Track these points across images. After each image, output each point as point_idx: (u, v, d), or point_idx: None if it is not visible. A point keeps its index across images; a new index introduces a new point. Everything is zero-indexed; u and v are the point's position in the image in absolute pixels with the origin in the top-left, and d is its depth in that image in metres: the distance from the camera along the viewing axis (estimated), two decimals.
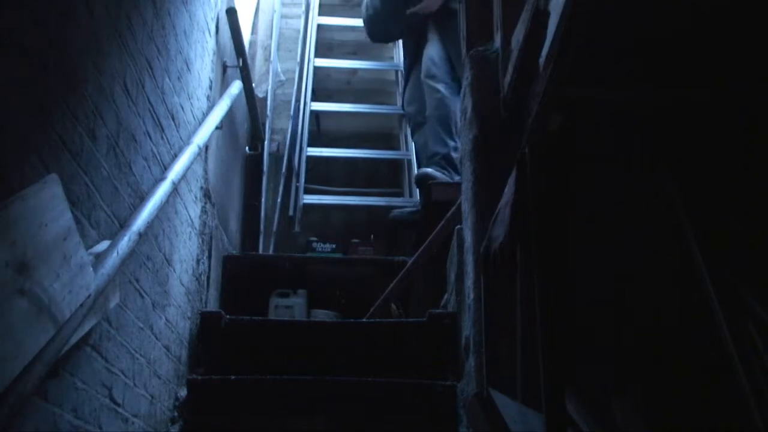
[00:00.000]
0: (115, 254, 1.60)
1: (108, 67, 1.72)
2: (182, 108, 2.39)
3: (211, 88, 2.85)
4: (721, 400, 1.28)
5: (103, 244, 1.63)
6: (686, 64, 1.19)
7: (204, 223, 2.79)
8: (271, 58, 4.52)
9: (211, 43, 2.85)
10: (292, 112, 4.47)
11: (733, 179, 1.33)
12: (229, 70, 3.34)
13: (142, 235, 1.78)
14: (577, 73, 1.22)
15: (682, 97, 1.25)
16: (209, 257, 2.88)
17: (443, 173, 3.46)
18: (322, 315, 3.19)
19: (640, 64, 1.21)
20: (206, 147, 2.71)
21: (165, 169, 2.13)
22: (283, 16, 5.03)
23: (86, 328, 1.53)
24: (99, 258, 1.56)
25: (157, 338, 2.18)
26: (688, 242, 1.33)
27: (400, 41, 4.40)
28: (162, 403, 2.24)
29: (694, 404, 1.34)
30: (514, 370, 1.48)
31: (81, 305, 1.42)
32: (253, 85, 3.76)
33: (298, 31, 4.88)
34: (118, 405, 1.85)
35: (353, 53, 5.02)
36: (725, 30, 1.11)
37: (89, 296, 1.46)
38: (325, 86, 4.85)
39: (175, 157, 2.23)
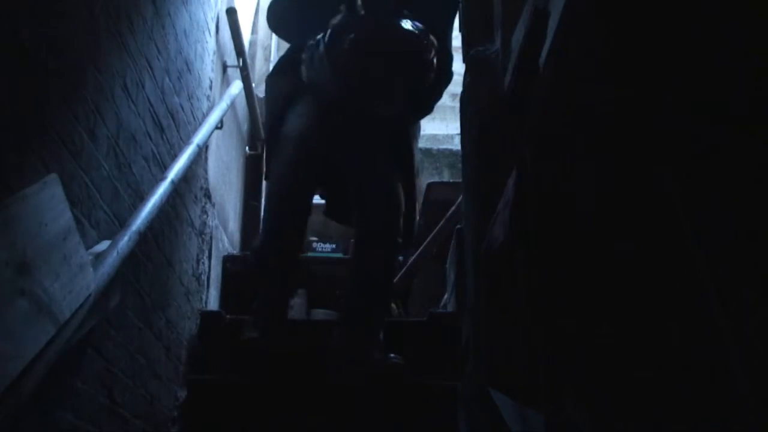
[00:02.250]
0: (115, 254, 1.60)
1: (108, 67, 1.72)
2: (182, 108, 2.39)
3: (211, 88, 2.85)
4: (720, 399, 1.28)
5: (103, 244, 1.63)
6: (689, 65, 1.19)
7: (204, 223, 2.79)
8: (271, 58, 4.52)
9: (211, 43, 2.85)
10: None
11: (734, 178, 1.33)
12: (229, 70, 3.34)
13: (142, 235, 1.78)
14: (577, 72, 1.22)
15: (685, 97, 1.25)
16: (209, 257, 2.89)
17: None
18: (321, 314, 3.19)
19: (641, 63, 1.21)
20: (206, 147, 2.71)
21: (165, 169, 2.13)
22: None
23: (86, 328, 1.54)
24: (99, 258, 1.56)
25: (157, 338, 2.18)
26: (688, 241, 1.33)
27: None
28: (162, 403, 2.24)
29: (694, 404, 1.34)
30: (514, 370, 1.48)
31: (81, 305, 1.42)
32: (253, 85, 3.76)
33: None
34: (118, 405, 1.85)
35: None
36: (727, 28, 1.11)
37: (89, 296, 1.46)
38: None
39: (175, 157, 2.23)
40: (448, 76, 2.62)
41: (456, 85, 4.58)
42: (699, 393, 1.31)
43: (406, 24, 2.39)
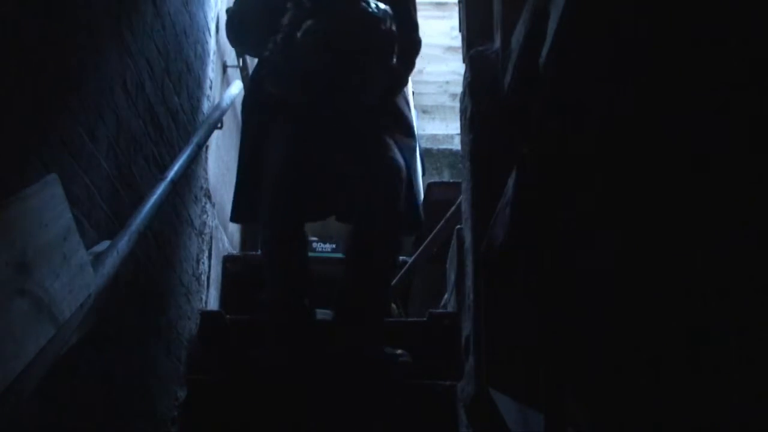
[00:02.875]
0: (115, 254, 1.60)
1: (108, 67, 1.72)
2: (182, 108, 2.39)
3: (211, 88, 2.85)
4: (720, 399, 1.28)
5: (103, 244, 1.63)
6: (689, 64, 1.19)
7: (204, 223, 2.79)
8: None
9: (211, 42, 2.85)
10: None
11: (734, 177, 1.33)
12: (229, 70, 3.34)
13: (141, 235, 1.78)
14: (577, 72, 1.22)
15: (685, 96, 1.25)
16: (209, 257, 2.89)
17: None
18: (321, 314, 3.19)
19: (642, 63, 1.21)
20: (206, 147, 2.71)
21: (165, 169, 2.13)
22: None
23: (86, 328, 1.54)
24: (99, 258, 1.56)
25: (157, 338, 2.18)
26: (688, 241, 1.33)
27: None
28: (162, 403, 2.24)
29: (694, 404, 1.34)
30: (514, 370, 1.48)
31: (81, 305, 1.42)
32: None
33: None
34: (118, 405, 1.85)
35: None
36: (728, 27, 1.11)
37: (89, 296, 1.46)
38: None
39: (175, 157, 2.23)
40: (414, 44, 2.52)
41: (456, 85, 4.60)
42: (699, 393, 1.31)
43: (355, 3, 2.27)
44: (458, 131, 2.40)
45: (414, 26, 2.52)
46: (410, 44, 2.47)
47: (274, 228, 2.40)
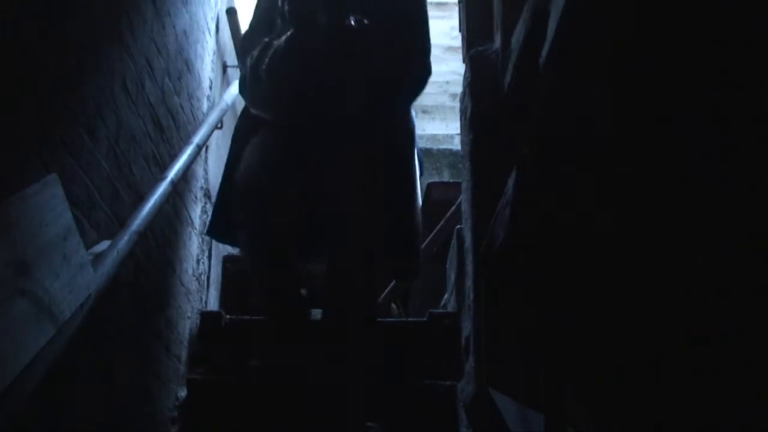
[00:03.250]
0: (115, 254, 1.60)
1: (108, 67, 1.72)
2: (182, 108, 2.39)
3: (211, 88, 2.85)
4: (721, 400, 1.28)
5: (103, 244, 1.63)
6: (690, 64, 1.19)
7: (204, 223, 2.79)
8: None
9: (211, 43, 2.85)
10: None
11: (734, 177, 1.33)
12: (229, 70, 3.34)
13: (141, 235, 1.78)
14: (577, 72, 1.22)
15: (686, 96, 1.25)
16: (209, 257, 2.89)
17: None
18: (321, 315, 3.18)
19: (642, 62, 1.21)
20: (206, 147, 2.71)
21: (165, 169, 2.13)
22: None
23: (86, 327, 1.54)
24: (99, 258, 1.56)
25: (157, 338, 2.18)
26: (688, 240, 1.33)
27: None
28: (162, 403, 2.24)
29: (695, 404, 1.34)
30: (514, 370, 1.48)
31: (81, 305, 1.42)
32: None
33: None
34: (118, 405, 1.85)
35: None
36: (728, 28, 1.11)
37: (89, 296, 1.46)
38: None
39: (175, 157, 2.23)
40: (423, 69, 2.33)
41: (456, 85, 4.59)
42: (699, 393, 1.31)
43: (331, 16, 2.14)
44: (458, 131, 2.38)
45: (423, 51, 2.34)
46: (419, 68, 2.32)
47: (255, 250, 2.21)
